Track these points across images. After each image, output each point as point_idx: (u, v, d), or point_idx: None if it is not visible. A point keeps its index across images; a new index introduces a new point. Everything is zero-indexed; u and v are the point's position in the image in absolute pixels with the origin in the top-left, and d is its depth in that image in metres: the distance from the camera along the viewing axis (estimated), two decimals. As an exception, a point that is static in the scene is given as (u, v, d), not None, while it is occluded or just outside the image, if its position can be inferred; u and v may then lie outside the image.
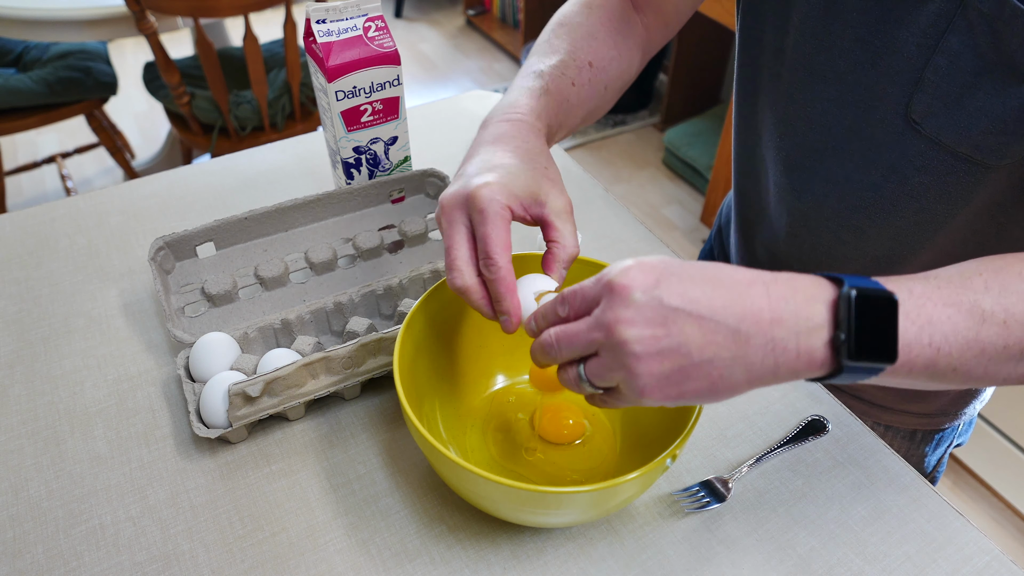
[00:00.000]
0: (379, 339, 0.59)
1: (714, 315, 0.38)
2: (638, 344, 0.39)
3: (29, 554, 0.52)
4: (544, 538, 0.53)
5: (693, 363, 0.39)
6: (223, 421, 0.57)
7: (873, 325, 0.38)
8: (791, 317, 0.39)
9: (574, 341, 0.42)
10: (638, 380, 0.39)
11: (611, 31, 0.64)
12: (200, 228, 0.66)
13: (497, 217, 0.47)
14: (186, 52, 2.89)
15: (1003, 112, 0.50)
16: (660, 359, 0.39)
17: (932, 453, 0.79)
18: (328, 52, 0.65)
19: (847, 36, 0.57)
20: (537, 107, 0.56)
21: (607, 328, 0.39)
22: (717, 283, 0.39)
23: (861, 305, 0.38)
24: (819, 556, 0.53)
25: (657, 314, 0.39)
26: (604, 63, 0.63)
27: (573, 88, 0.60)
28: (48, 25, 1.59)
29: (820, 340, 0.39)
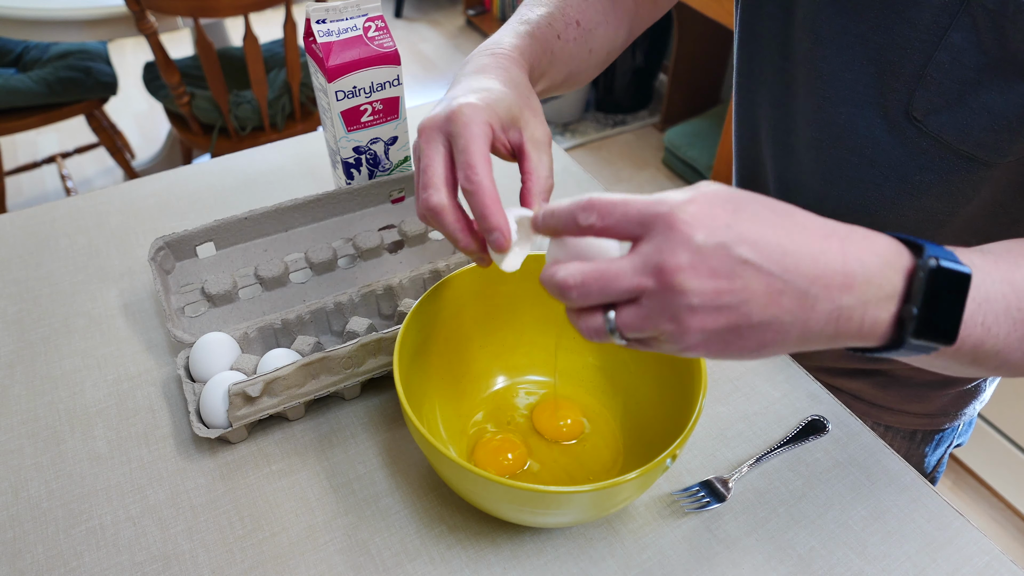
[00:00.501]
0: (379, 339, 0.59)
1: (785, 273, 0.33)
2: (696, 297, 0.33)
3: (29, 554, 0.52)
4: (544, 538, 0.53)
5: (751, 324, 0.34)
6: (223, 421, 0.57)
7: (945, 303, 0.35)
8: (863, 283, 0.34)
9: (611, 286, 0.35)
10: (687, 336, 0.35)
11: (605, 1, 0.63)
12: (200, 228, 0.66)
13: (479, 131, 0.44)
14: (186, 52, 2.89)
15: (1005, 109, 0.50)
16: (717, 315, 0.34)
17: (932, 453, 0.79)
18: (328, 52, 0.65)
19: (849, 32, 0.56)
20: (521, 45, 0.54)
21: (661, 273, 0.33)
22: (792, 232, 0.34)
23: (939, 279, 0.35)
24: (819, 556, 0.53)
25: (724, 264, 0.33)
26: (591, 25, 0.61)
27: (558, 41, 0.58)
28: (48, 25, 1.59)
29: (888, 312, 0.35)
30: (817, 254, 0.34)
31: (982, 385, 0.74)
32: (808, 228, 0.35)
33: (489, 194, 0.43)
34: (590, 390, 0.62)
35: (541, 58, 0.56)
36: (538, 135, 0.48)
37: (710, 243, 0.33)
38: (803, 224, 0.35)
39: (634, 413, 0.60)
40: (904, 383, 0.73)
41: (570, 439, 0.59)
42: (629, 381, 0.61)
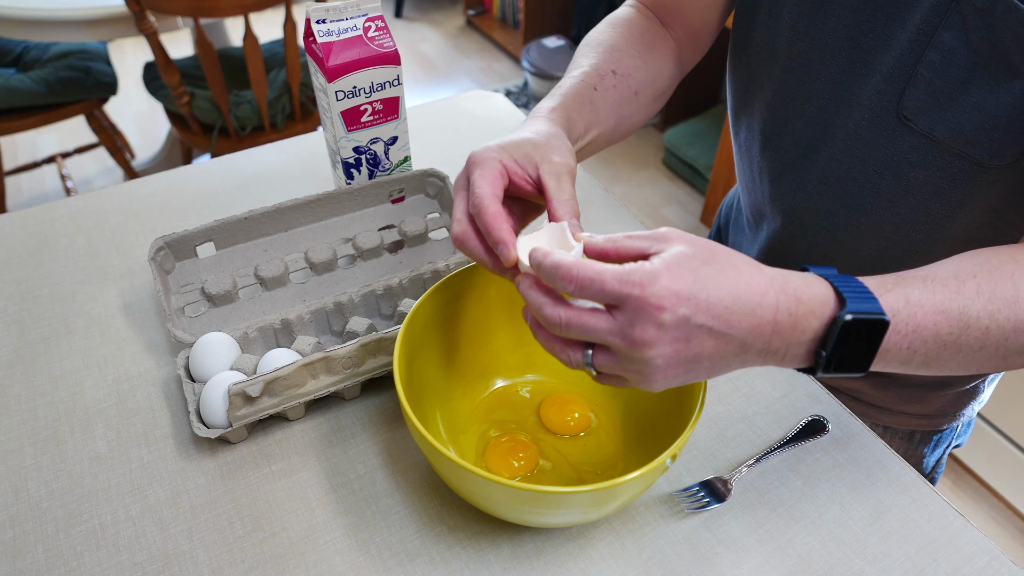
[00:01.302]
0: (379, 339, 0.59)
1: (730, 329, 0.41)
2: (660, 359, 0.41)
3: (29, 554, 0.52)
4: (544, 538, 0.53)
5: (702, 367, 0.42)
6: (223, 421, 0.57)
7: (854, 349, 0.43)
8: (788, 330, 0.42)
9: (587, 332, 0.42)
10: (652, 383, 0.42)
11: (634, 43, 0.67)
12: (200, 228, 0.66)
13: (488, 166, 0.50)
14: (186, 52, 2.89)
15: (996, 108, 0.51)
16: (676, 368, 0.42)
17: (931, 454, 0.79)
18: (328, 52, 0.65)
19: (839, 35, 0.57)
20: (555, 106, 0.59)
21: (632, 342, 0.40)
22: (737, 290, 0.41)
23: (849, 332, 0.42)
24: (819, 556, 0.53)
25: (683, 333, 0.40)
26: (628, 70, 0.65)
27: (595, 92, 0.62)
28: (48, 25, 1.59)
29: (805, 350, 0.43)
30: (755, 308, 0.41)
31: (980, 386, 0.75)
32: (751, 284, 0.41)
33: (490, 213, 0.48)
34: (590, 390, 0.62)
35: (580, 110, 0.60)
36: (556, 167, 0.52)
37: (672, 321, 0.39)
38: (747, 280, 0.41)
39: (634, 413, 0.60)
40: (903, 384, 0.73)
41: (577, 432, 0.59)
42: (629, 381, 0.61)
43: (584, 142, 0.61)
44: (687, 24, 0.71)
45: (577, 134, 0.60)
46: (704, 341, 0.41)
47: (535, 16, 2.99)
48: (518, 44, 3.11)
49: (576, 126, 0.59)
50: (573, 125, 0.59)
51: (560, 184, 0.51)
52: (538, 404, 0.62)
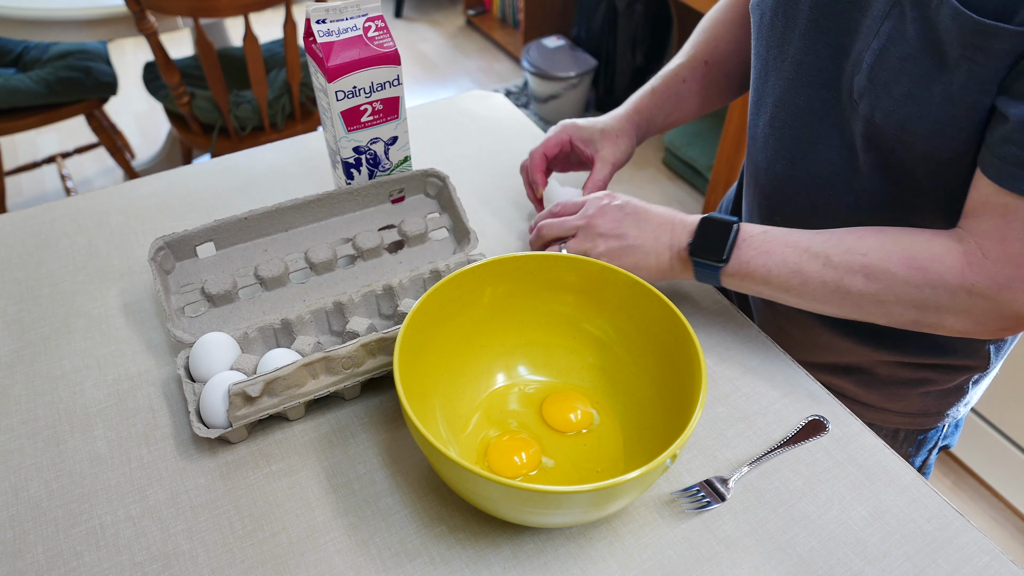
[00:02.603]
0: (379, 339, 0.59)
1: (647, 224, 0.65)
2: (602, 228, 0.65)
3: (29, 554, 0.52)
4: (544, 538, 0.53)
5: (629, 245, 0.64)
6: (223, 421, 0.57)
7: (709, 237, 0.62)
8: (679, 229, 0.64)
9: (564, 226, 0.67)
10: (598, 247, 0.65)
11: (735, 26, 0.77)
12: (200, 228, 0.66)
13: (557, 131, 0.78)
14: (186, 52, 2.89)
15: (927, 98, 0.52)
16: (612, 239, 0.65)
17: (916, 455, 0.80)
18: (328, 52, 0.65)
19: (805, 16, 0.60)
20: (639, 104, 0.78)
21: (588, 220, 0.66)
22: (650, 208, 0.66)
23: (705, 225, 0.62)
24: (819, 556, 0.53)
25: (617, 215, 0.65)
26: (722, 56, 0.78)
27: (684, 84, 0.78)
28: (48, 25, 1.59)
29: (685, 241, 0.63)
30: (661, 214, 0.65)
31: (965, 387, 0.75)
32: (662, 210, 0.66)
33: (535, 162, 0.78)
34: (590, 390, 0.62)
35: (664, 104, 0.79)
36: (606, 155, 0.76)
37: (610, 206, 0.66)
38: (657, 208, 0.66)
39: (634, 413, 0.60)
40: (885, 381, 0.74)
41: (580, 430, 0.59)
42: (629, 381, 0.61)
43: (667, 122, 0.79)
44: None
45: (656, 124, 0.79)
46: (628, 225, 0.65)
47: (535, 16, 2.98)
48: (518, 44, 3.11)
49: (655, 118, 0.78)
50: (652, 119, 0.78)
51: (601, 169, 0.75)
52: (539, 403, 0.62)
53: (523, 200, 0.84)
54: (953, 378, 0.73)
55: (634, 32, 2.58)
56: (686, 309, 0.71)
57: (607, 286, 0.60)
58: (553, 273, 0.61)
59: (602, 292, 0.60)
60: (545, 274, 0.61)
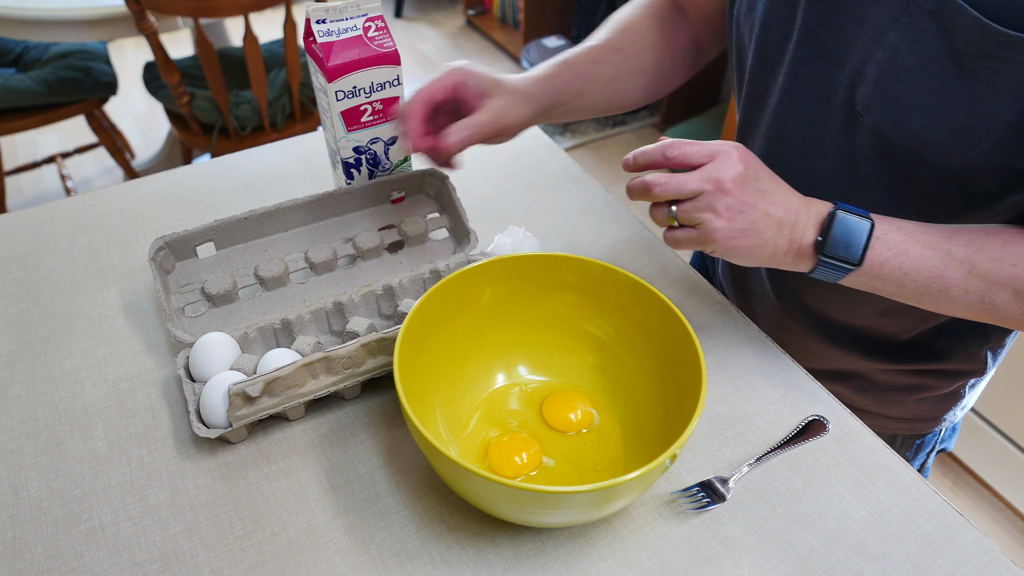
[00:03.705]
0: (379, 339, 0.59)
1: (775, 199, 0.54)
2: (732, 199, 0.53)
3: (29, 554, 0.52)
4: (544, 538, 0.53)
5: (751, 228, 0.54)
6: (223, 421, 0.57)
7: (842, 234, 0.54)
8: (804, 219, 0.55)
9: (682, 188, 0.53)
10: (717, 222, 0.53)
11: (650, 24, 0.73)
12: (200, 228, 0.66)
13: (448, 74, 0.63)
14: (186, 52, 2.89)
15: (942, 110, 0.51)
16: (737, 215, 0.53)
17: (913, 459, 0.79)
18: (328, 52, 0.65)
19: (802, 29, 0.59)
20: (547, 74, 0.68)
21: (718, 182, 0.53)
22: (779, 186, 0.55)
23: (836, 219, 0.54)
24: (819, 556, 0.53)
25: (750, 187, 0.53)
26: (636, 50, 0.72)
27: (595, 65, 0.70)
28: (48, 25, 1.59)
29: (810, 238, 0.55)
30: (789, 197, 0.55)
31: (961, 391, 0.74)
32: (787, 187, 0.56)
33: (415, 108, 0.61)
34: (590, 390, 0.62)
35: (573, 81, 0.69)
36: (495, 104, 0.63)
37: (746, 174, 0.53)
38: (783, 185, 0.56)
39: (634, 413, 0.60)
40: (881, 387, 0.74)
41: (580, 429, 0.59)
42: (629, 381, 0.61)
43: (570, 106, 0.70)
44: (701, 11, 0.74)
45: (564, 99, 0.69)
46: (759, 203, 0.53)
47: (535, 16, 2.98)
48: (518, 44, 3.11)
49: (563, 93, 0.68)
50: (560, 92, 0.68)
51: (483, 115, 0.62)
52: (539, 403, 0.62)
53: (523, 200, 0.84)
54: (950, 383, 0.73)
55: (634, 32, 2.58)
56: (686, 309, 0.71)
57: (607, 286, 0.60)
58: (553, 273, 0.61)
59: (602, 292, 0.60)
60: (545, 274, 0.61)
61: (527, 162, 0.90)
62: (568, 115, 0.71)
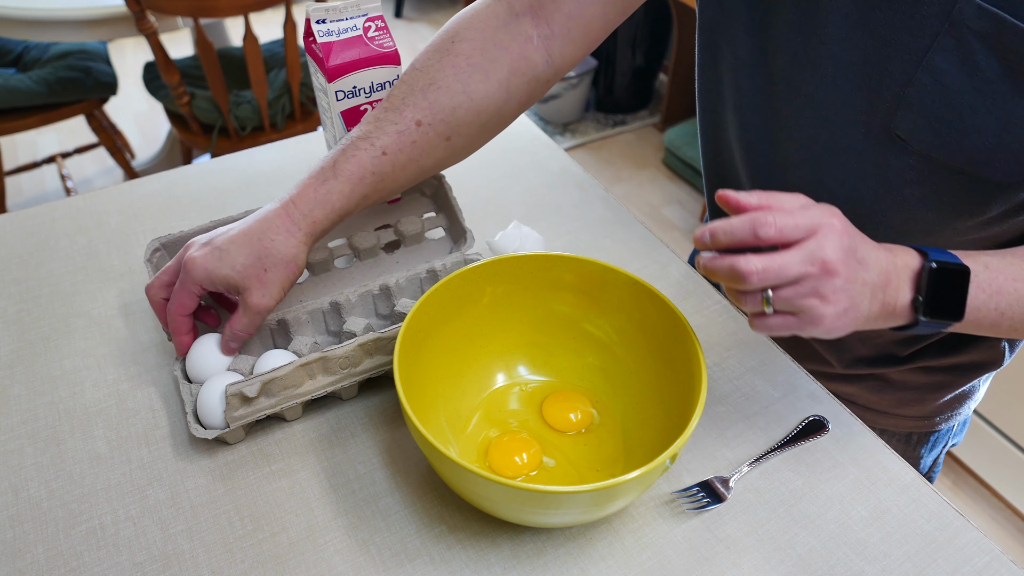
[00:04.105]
0: (376, 339, 0.59)
1: (870, 273, 0.47)
2: (841, 280, 0.45)
3: (29, 554, 0.52)
4: (544, 538, 0.53)
5: (853, 304, 0.46)
6: (220, 422, 0.57)
7: (945, 294, 0.49)
8: (896, 279, 0.49)
9: (783, 273, 0.45)
10: (826, 307, 0.45)
11: (470, 67, 0.60)
12: (196, 229, 0.66)
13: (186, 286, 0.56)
14: (186, 52, 2.89)
15: (997, 128, 0.50)
16: (844, 296, 0.46)
17: (928, 455, 0.79)
18: (328, 52, 0.65)
19: (830, 55, 0.56)
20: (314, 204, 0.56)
21: (824, 263, 0.44)
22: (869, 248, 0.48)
23: (937, 277, 0.48)
24: (819, 556, 0.53)
25: (853, 262, 0.46)
26: (443, 115, 0.59)
27: (384, 158, 0.58)
28: (48, 25, 1.59)
29: (906, 299, 0.49)
30: (879, 256, 0.48)
31: (976, 384, 0.74)
32: (875, 247, 0.49)
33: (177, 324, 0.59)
34: (590, 390, 0.62)
35: (355, 190, 0.58)
36: (251, 301, 0.56)
37: (849, 247, 0.46)
38: (869, 241, 0.49)
39: (634, 413, 0.60)
40: (899, 388, 0.73)
41: (580, 429, 0.59)
42: (629, 381, 0.61)
43: (363, 206, 0.59)
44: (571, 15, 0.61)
45: (346, 211, 0.58)
46: (859, 275, 0.46)
47: (535, 16, 2.98)
48: (518, 44, 3.10)
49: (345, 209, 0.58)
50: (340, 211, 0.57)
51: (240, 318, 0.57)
52: (539, 402, 0.62)
53: (523, 200, 0.84)
54: (968, 379, 0.73)
55: (634, 32, 2.58)
56: (686, 309, 0.71)
57: (607, 286, 0.60)
58: (553, 273, 0.61)
59: (602, 292, 0.60)
60: (545, 274, 0.61)
61: (527, 162, 0.90)
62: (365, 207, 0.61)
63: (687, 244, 2.25)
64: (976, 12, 0.48)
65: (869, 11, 0.53)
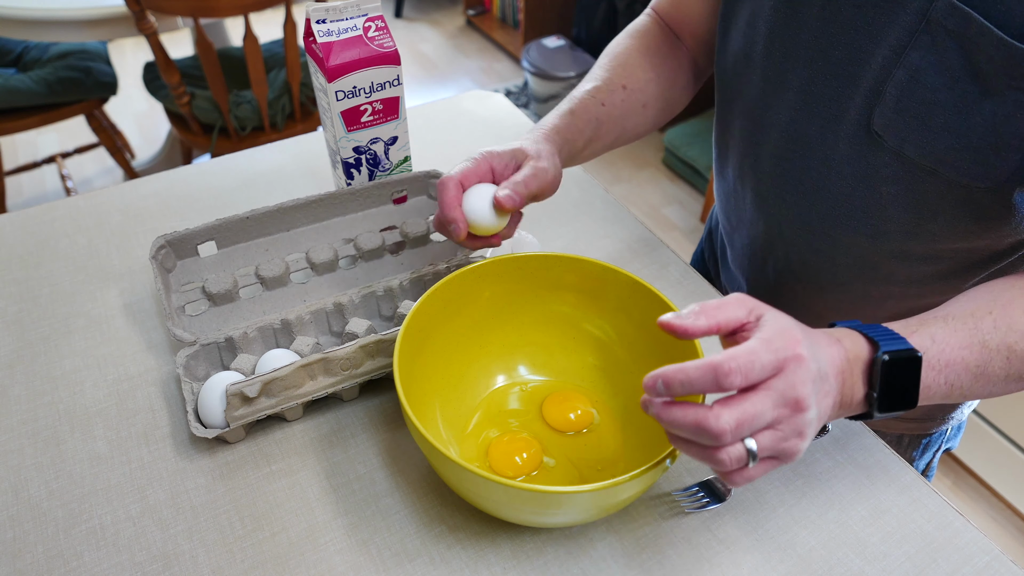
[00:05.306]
0: (378, 341, 0.59)
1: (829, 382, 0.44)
2: (811, 412, 0.42)
3: (29, 554, 0.52)
4: (544, 538, 0.53)
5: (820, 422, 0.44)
6: (221, 421, 0.57)
7: (897, 386, 0.46)
8: (849, 377, 0.46)
9: (756, 423, 0.41)
10: (803, 443, 0.43)
11: (648, 55, 0.73)
12: (202, 227, 0.66)
13: (472, 164, 0.60)
14: (186, 52, 2.89)
15: (967, 129, 0.50)
16: (817, 422, 0.43)
17: (920, 458, 0.79)
18: (328, 52, 0.65)
19: (811, 46, 0.57)
20: (559, 124, 0.66)
21: (796, 406, 0.41)
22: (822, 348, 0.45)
23: (889, 370, 0.46)
24: (819, 556, 0.53)
25: (819, 384, 0.43)
26: (639, 84, 0.71)
27: (603, 107, 0.69)
28: (48, 25, 1.59)
29: (860, 395, 0.47)
30: (836, 364, 0.45)
31: None
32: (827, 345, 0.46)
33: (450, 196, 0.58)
34: (590, 390, 0.62)
35: (584, 128, 0.68)
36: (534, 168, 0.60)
37: (816, 372, 0.42)
38: (823, 342, 0.46)
39: (634, 413, 0.60)
40: None
41: (580, 429, 0.59)
42: (629, 381, 0.61)
43: (585, 152, 0.69)
44: (695, 33, 0.74)
45: (576, 148, 0.67)
46: (824, 394, 0.44)
47: (535, 16, 2.98)
48: (518, 44, 3.11)
49: (575, 142, 0.67)
50: (572, 142, 0.66)
51: (526, 176, 0.59)
52: (539, 402, 0.62)
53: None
54: None
55: (634, 32, 2.59)
56: (686, 309, 0.71)
57: (607, 286, 0.60)
58: (553, 273, 0.61)
59: (602, 292, 0.60)
60: (545, 274, 0.61)
61: (527, 162, 0.90)
62: (584, 159, 0.70)
63: (687, 244, 2.25)
64: (948, 9, 0.48)
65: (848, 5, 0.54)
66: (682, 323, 0.44)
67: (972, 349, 0.49)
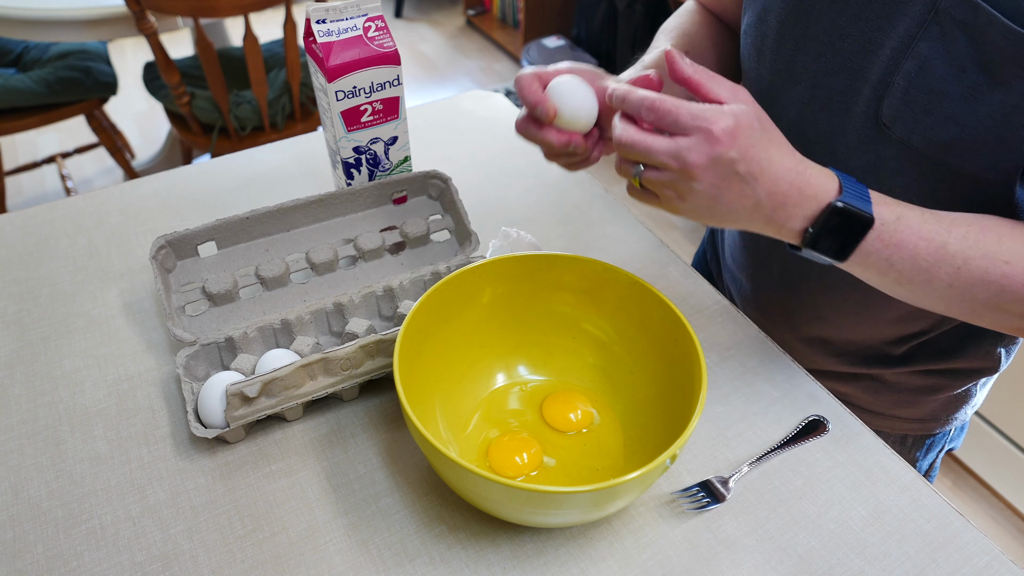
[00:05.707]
0: (378, 341, 0.59)
1: (755, 188, 0.48)
2: (699, 185, 0.48)
3: (29, 554, 0.52)
4: (544, 538, 0.53)
5: (720, 205, 0.49)
6: (220, 421, 0.57)
7: (837, 234, 0.49)
8: (793, 205, 0.49)
9: (648, 155, 0.48)
10: (682, 202, 0.50)
11: (703, 30, 0.73)
12: (202, 227, 0.66)
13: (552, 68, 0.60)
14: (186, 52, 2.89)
15: (974, 120, 0.50)
16: (705, 198, 0.49)
17: (923, 458, 0.79)
18: (328, 52, 0.65)
19: (820, 39, 0.57)
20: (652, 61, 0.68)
21: (685, 166, 0.47)
22: (772, 159, 0.48)
23: (836, 217, 0.49)
24: (819, 556, 0.53)
25: (724, 171, 0.47)
26: (700, 54, 0.71)
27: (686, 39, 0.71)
28: (48, 25, 1.59)
29: (800, 226, 0.50)
30: (778, 179, 0.48)
31: (972, 390, 0.74)
32: (783, 159, 0.49)
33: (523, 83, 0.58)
34: (590, 390, 0.62)
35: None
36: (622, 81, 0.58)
37: (722, 157, 0.47)
38: (781, 155, 0.49)
39: (634, 413, 0.60)
40: (894, 388, 0.73)
41: (580, 429, 0.59)
42: (629, 381, 0.61)
43: None
44: (735, 21, 0.74)
45: None
46: (733, 187, 0.48)
47: (535, 16, 2.98)
48: (518, 44, 3.11)
49: None
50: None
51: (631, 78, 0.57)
52: (539, 402, 0.62)
53: (523, 200, 0.84)
54: (963, 383, 0.73)
55: (634, 32, 2.59)
56: (686, 309, 0.71)
57: (607, 286, 0.60)
58: (553, 273, 0.61)
59: (602, 292, 0.60)
60: (545, 274, 0.61)
61: (527, 162, 0.90)
62: None
63: (687, 244, 2.25)
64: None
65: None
66: (681, 64, 0.50)
67: (931, 244, 0.50)
